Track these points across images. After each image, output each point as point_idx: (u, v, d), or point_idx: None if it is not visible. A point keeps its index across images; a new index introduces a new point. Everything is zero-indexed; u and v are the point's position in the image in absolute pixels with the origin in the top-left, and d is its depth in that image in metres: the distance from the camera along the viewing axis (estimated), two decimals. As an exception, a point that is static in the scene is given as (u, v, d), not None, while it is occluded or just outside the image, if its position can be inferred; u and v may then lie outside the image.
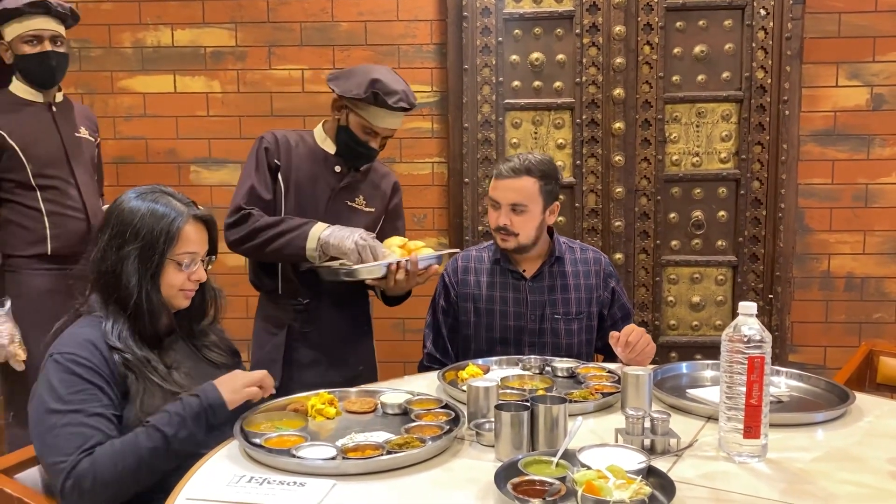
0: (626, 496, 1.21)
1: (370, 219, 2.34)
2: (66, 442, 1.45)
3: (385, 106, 2.15)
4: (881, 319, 3.13)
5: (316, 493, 1.33)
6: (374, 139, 2.24)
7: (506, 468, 1.36)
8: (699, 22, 2.99)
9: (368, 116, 2.19)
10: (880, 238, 3.10)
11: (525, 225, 2.24)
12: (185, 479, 1.42)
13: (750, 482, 1.40)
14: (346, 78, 2.20)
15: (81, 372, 1.51)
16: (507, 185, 2.23)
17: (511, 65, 3.05)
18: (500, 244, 2.29)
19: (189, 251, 1.64)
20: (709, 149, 3.05)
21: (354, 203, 2.31)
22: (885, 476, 1.43)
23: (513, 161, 2.25)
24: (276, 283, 2.30)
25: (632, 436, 1.52)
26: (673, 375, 2.02)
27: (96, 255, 1.64)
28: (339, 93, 2.19)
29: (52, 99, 2.61)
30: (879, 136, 3.06)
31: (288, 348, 2.28)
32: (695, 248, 3.09)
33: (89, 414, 1.48)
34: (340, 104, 2.23)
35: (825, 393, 1.88)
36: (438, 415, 1.67)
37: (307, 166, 2.26)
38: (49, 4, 2.50)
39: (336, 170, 2.29)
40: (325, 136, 2.31)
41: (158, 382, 1.57)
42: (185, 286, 1.66)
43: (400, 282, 2.13)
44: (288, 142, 2.26)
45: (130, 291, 1.60)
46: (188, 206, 1.67)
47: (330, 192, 2.28)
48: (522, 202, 2.22)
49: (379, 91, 2.13)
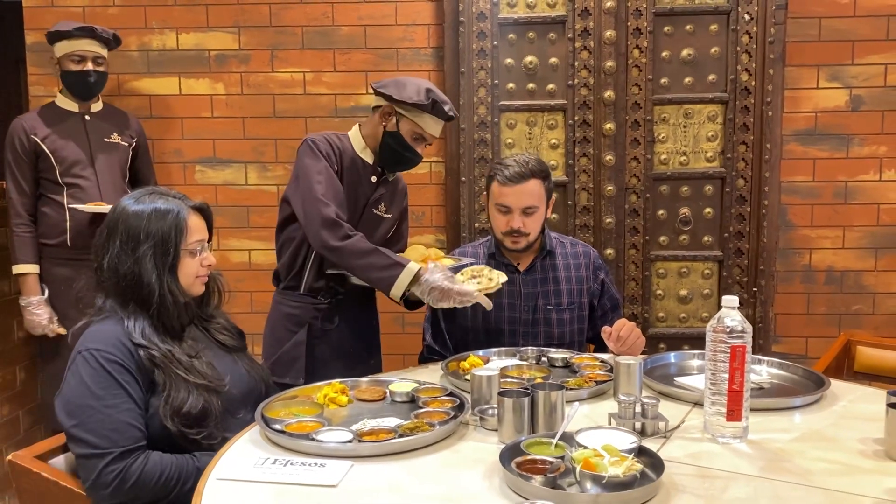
0: (620, 472, 1.32)
1: (389, 224, 2.42)
2: (99, 437, 1.52)
3: (440, 113, 2.24)
4: (860, 311, 3.25)
5: (336, 473, 1.44)
6: (421, 145, 2.31)
7: (509, 449, 1.46)
8: (686, 27, 3.09)
9: (422, 123, 2.25)
10: (859, 233, 3.22)
11: (535, 224, 2.34)
12: (214, 461, 1.52)
13: (732, 460, 1.51)
14: (399, 86, 2.24)
15: (110, 368, 1.57)
16: (517, 191, 2.30)
17: (506, 68, 3.15)
18: (510, 246, 2.37)
19: (197, 239, 1.75)
20: (696, 148, 3.15)
21: (378, 211, 2.38)
22: (855, 454, 1.55)
23: (514, 167, 2.31)
24: (300, 281, 2.34)
25: (624, 419, 1.63)
26: (662, 364, 2.14)
27: (111, 263, 1.68)
28: (399, 99, 2.21)
29: (88, 109, 2.97)
30: (858, 136, 3.17)
31: (309, 346, 2.34)
32: (682, 243, 3.20)
33: (121, 409, 1.55)
34: (390, 111, 2.27)
35: (803, 380, 2.00)
36: (444, 402, 1.78)
37: (349, 175, 2.31)
38: (95, 30, 2.89)
39: (372, 179, 2.35)
40: (364, 144, 2.34)
41: (183, 376, 1.64)
42: (199, 272, 1.77)
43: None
44: (338, 147, 2.29)
45: (153, 288, 1.67)
46: (183, 200, 1.77)
47: (365, 202, 2.34)
48: (535, 204, 2.32)
49: (436, 99, 2.21)
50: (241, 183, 3.34)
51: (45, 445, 1.72)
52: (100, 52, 2.93)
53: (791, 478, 1.43)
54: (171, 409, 1.60)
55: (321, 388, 1.85)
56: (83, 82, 2.91)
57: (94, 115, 2.99)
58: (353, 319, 2.41)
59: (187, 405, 1.61)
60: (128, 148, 3.04)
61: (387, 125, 2.28)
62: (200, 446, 1.64)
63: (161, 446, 1.61)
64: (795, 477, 1.44)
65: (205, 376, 1.68)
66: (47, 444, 1.73)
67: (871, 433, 1.63)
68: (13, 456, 1.66)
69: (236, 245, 3.36)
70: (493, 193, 2.36)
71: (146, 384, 1.63)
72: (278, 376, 2.31)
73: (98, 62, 2.93)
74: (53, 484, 1.61)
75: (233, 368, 1.81)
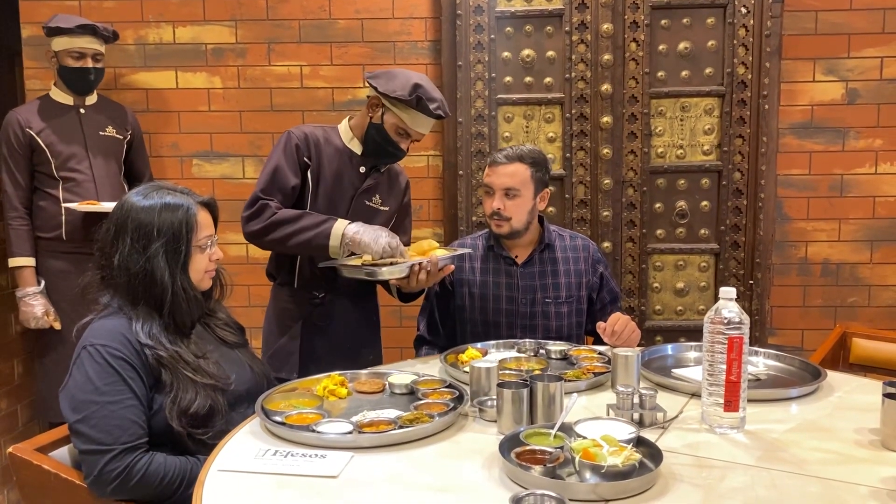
0: (619, 461, 1.33)
1: (386, 217, 2.40)
2: (102, 433, 1.52)
3: (425, 111, 2.19)
4: (855, 303, 3.26)
5: (337, 464, 1.44)
6: (404, 141, 2.27)
7: (508, 440, 1.47)
8: (683, 20, 3.09)
9: (406, 118, 2.22)
10: (855, 226, 3.24)
11: (517, 209, 2.34)
12: (214, 453, 1.52)
13: (729, 450, 1.53)
14: (388, 78, 2.21)
15: (115, 363, 1.57)
16: (500, 171, 2.32)
17: (503, 61, 3.15)
18: (494, 229, 2.38)
19: (206, 234, 1.74)
20: (692, 141, 3.16)
21: (372, 202, 2.36)
22: (850, 444, 1.56)
23: (505, 150, 2.35)
24: (292, 276, 2.34)
25: (622, 410, 1.65)
26: (659, 356, 2.15)
27: (121, 262, 1.66)
28: (382, 91, 2.19)
29: (83, 102, 2.96)
30: (854, 129, 3.19)
31: (304, 340, 2.34)
32: (679, 236, 3.21)
33: (124, 406, 1.55)
34: (377, 102, 2.25)
35: (799, 371, 2.02)
36: (443, 393, 1.79)
37: (334, 165, 2.29)
38: (96, 27, 2.87)
39: (360, 170, 2.33)
40: (352, 135, 2.33)
41: (191, 376, 1.63)
42: (208, 268, 1.76)
43: (421, 281, 2.20)
44: (317, 139, 2.28)
45: (166, 286, 1.66)
46: (190, 195, 1.75)
47: (353, 192, 2.32)
48: (515, 186, 2.32)
49: (422, 95, 2.17)
50: (238, 177, 3.34)
51: (45, 438, 1.72)
52: (99, 49, 2.92)
53: (787, 467, 1.45)
54: (178, 410, 1.60)
55: (320, 380, 1.86)
56: (82, 79, 2.90)
57: (89, 108, 2.98)
58: (351, 315, 2.41)
59: (195, 406, 1.61)
60: (122, 141, 3.03)
61: (373, 116, 2.27)
62: (206, 445, 1.62)
63: (164, 443, 1.61)
64: (792, 466, 1.45)
65: (212, 376, 1.67)
66: (48, 436, 1.73)
67: (867, 423, 1.65)
68: (14, 448, 1.66)
69: (234, 239, 3.33)
70: (483, 176, 2.40)
71: (151, 381, 1.62)
72: (274, 370, 2.31)
73: (97, 59, 2.92)
74: (54, 476, 1.62)
75: (237, 365, 1.81)
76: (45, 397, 2.91)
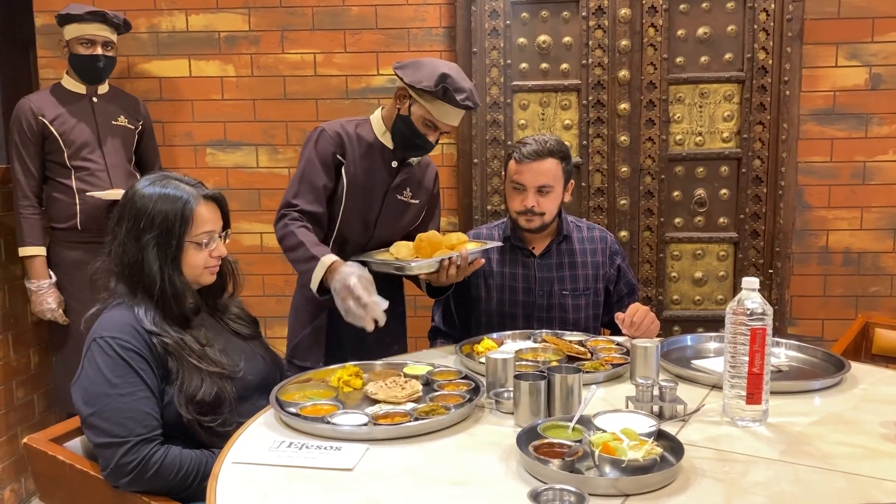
0: (640, 455, 1.31)
1: (416, 210, 2.37)
2: (116, 425, 1.51)
3: (452, 102, 2.12)
4: (877, 293, 3.21)
5: (352, 456, 1.43)
6: (432, 133, 2.21)
7: (526, 432, 1.45)
8: (702, 4, 3.03)
9: (433, 109, 2.15)
10: (877, 214, 3.18)
11: (550, 204, 2.31)
12: (229, 445, 1.51)
13: (752, 444, 1.50)
14: (415, 68, 2.16)
15: (126, 355, 1.56)
16: (532, 168, 2.27)
17: (519, 47, 3.11)
18: (524, 225, 2.34)
19: (205, 231, 1.70)
20: (711, 128, 3.11)
21: (403, 196, 2.32)
22: (877, 437, 1.53)
23: (532, 144, 2.29)
24: None
25: (642, 402, 1.62)
26: (678, 347, 2.12)
27: (117, 249, 1.67)
28: (408, 82, 2.14)
29: (95, 91, 2.94)
30: (877, 115, 3.13)
31: (329, 329, 2.32)
32: (697, 225, 3.17)
33: (137, 398, 1.54)
34: (404, 94, 2.20)
35: (822, 363, 1.98)
36: (459, 385, 1.77)
37: (366, 162, 2.26)
38: (106, 14, 2.85)
39: (392, 165, 2.29)
40: (385, 128, 2.28)
41: (195, 363, 1.62)
42: (208, 263, 1.73)
43: (451, 276, 2.16)
44: (350, 137, 2.24)
45: (154, 278, 1.64)
46: (197, 188, 1.71)
47: (386, 188, 2.29)
48: (549, 183, 2.29)
49: (448, 86, 2.09)
50: (252, 166, 3.33)
51: (60, 429, 1.73)
52: (109, 37, 2.89)
53: (812, 461, 1.42)
54: (185, 397, 1.59)
55: (335, 371, 1.85)
56: (92, 67, 2.87)
57: (101, 97, 2.96)
58: None
59: (201, 393, 1.60)
60: (134, 131, 3.01)
61: (401, 108, 2.22)
62: (216, 433, 1.62)
63: (177, 434, 1.60)
64: (816, 460, 1.42)
65: (217, 363, 1.66)
66: (62, 427, 1.74)
67: (893, 416, 1.61)
68: (28, 439, 1.66)
69: (248, 228, 3.35)
70: (510, 171, 2.34)
71: (161, 372, 1.61)
72: (299, 360, 2.30)
73: (108, 47, 2.89)
74: (69, 467, 1.62)
75: (248, 354, 1.79)
76: (60, 388, 2.90)
